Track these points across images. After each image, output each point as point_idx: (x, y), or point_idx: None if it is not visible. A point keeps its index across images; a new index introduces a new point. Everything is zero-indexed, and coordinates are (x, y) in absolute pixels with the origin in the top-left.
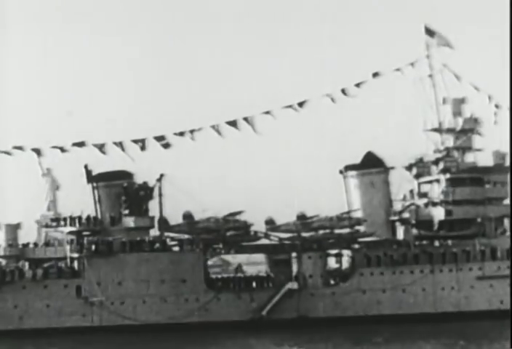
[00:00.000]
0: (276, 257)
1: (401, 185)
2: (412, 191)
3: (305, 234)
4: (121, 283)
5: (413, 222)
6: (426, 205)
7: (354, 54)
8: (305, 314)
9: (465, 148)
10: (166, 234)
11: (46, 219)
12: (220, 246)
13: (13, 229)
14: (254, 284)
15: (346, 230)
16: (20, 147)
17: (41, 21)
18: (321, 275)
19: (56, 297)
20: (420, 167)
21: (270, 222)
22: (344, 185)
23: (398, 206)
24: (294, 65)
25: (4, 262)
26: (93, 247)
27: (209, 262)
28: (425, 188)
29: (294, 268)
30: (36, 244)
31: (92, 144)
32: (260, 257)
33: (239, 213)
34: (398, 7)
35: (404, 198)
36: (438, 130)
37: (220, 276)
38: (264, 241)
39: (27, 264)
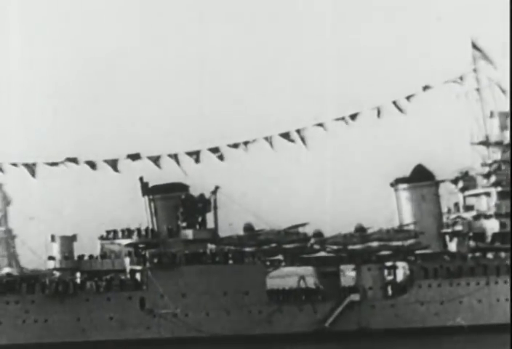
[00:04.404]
0: (324, 269)
1: (445, 197)
2: (456, 204)
3: (352, 246)
4: (185, 296)
5: (470, 234)
6: (475, 218)
7: (405, 66)
8: (366, 326)
9: None
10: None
11: None
12: (280, 257)
13: (68, 241)
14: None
15: (399, 243)
16: (73, 160)
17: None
18: (381, 287)
19: (119, 309)
20: (466, 180)
21: (318, 235)
22: (395, 198)
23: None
24: (345, 77)
25: (58, 274)
26: (155, 259)
27: None
28: (470, 201)
29: (343, 281)
30: (91, 256)
31: (147, 156)
32: (298, 270)
33: (303, 225)
34: (447, 20)
35: (449, 211)
36: (485, 143)
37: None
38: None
39: (78, 275)
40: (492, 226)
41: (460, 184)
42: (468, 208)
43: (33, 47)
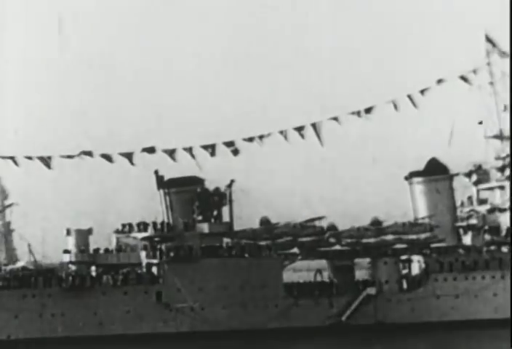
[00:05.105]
0: (339, 262)
1: (459, 191)
2: (470, 197)
3: (367, 240)
4: (202, 289)
5: (486, 228)
6: (489, 211)
7: (419, 60)
8: (382, 320)
9: None
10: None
11: None
12: (296, 251)
13: (84, 234)
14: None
15: (414, 236)
16: (88, 153)
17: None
18: (397, 280)
19: (136, 303)
20: (479, 174)
21: (331, 228)
22: (409, 191)
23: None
24: (358, 71)
25: (73, 267)
26: (172, 253)
27: None
28: (483, 195)
29: (357, 274)
30: (107, 250)
31: (162, 150)
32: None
33: (319, 219)
34: (461, 14)
35: (462, 205)
36: (499, 137)
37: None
38: None
39: (93, 269)
40: (506, 220)
41: (474, 177)
42: (482, 201)
43: (36, 45)
